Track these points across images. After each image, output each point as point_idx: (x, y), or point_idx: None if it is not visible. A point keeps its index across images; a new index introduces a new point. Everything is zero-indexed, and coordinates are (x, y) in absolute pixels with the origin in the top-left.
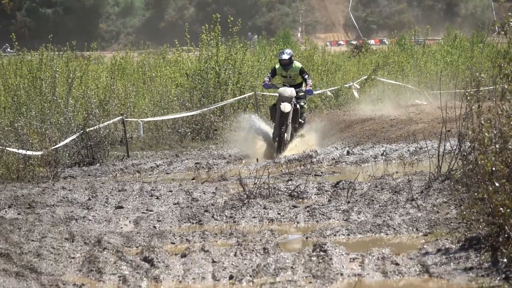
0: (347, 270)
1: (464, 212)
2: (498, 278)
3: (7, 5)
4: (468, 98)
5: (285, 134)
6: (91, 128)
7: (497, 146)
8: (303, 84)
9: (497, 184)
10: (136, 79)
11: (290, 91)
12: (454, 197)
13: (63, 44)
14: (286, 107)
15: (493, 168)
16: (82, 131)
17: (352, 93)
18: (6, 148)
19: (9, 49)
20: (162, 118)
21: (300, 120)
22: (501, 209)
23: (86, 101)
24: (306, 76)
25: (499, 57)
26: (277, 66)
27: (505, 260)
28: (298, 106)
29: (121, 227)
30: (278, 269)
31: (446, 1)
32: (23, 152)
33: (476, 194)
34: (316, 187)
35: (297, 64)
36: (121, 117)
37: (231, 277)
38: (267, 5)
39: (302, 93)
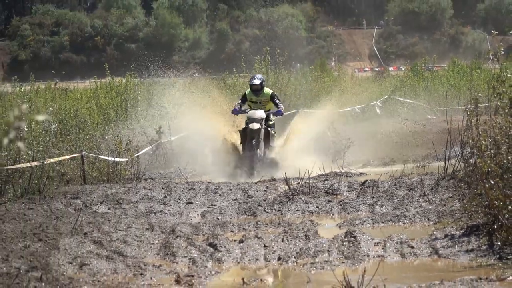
0: (373, 252)
1: (466, 205)
2: (494, 258)
3: (99, 41)
4: (469, 113)
5: (257, 150)
6: (165, 140)
7: (492, 151)
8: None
9: (492, 182)
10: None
11: (259, 113)
12: (458, 192)
13: (144, 72)
14: (254, 125)
15: (489, 169)
16: (158, 142)
17: (375, 110)
18: (99, 156)
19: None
20: None
21: (270, 144)
22: (496, 202)
23: (161, 118)
24: (277, 101)
25: (493, 80)
26: (247, 91)
27: (499, 243)
28: (269, 129)
29: (191, 219)
30: (317, 251)
31: (451, 35)
32: (112, 159)
33: (475, 190)
34: (347, 186)
35: (267, 90)
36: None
37: (279, 259)
38: (307, 40)
39: (272, 117)
